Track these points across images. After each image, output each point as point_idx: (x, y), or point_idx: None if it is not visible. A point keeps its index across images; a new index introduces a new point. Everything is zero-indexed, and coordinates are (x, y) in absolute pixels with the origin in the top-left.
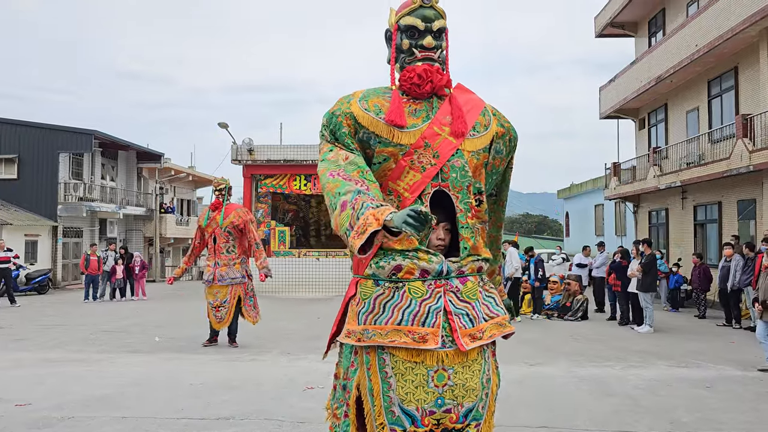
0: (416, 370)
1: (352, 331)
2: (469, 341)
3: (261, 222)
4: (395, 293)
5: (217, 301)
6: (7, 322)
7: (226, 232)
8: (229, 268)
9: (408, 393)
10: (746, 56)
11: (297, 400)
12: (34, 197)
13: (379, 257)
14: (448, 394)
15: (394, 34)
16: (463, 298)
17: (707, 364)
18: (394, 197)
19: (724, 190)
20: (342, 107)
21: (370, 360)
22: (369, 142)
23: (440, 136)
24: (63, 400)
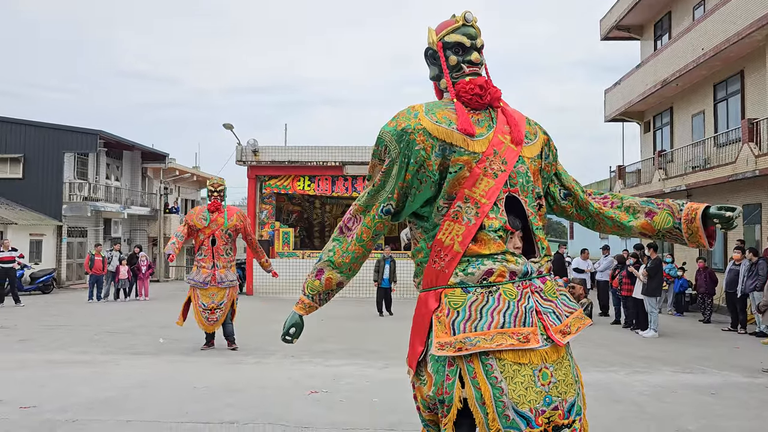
0: (523, 372)
1: (447, 343)
2: (561, 337)
3: (265, 223)
4: (490, 297)
5: (212, 304)
6: (12, 322)
7: (227, 234)
8: (227, 271)
9: (520, 395)
10: (752, 60)
11: (301, 404)
12: (39, 197)
13: (466, 264)
14: (553, 391)
15: (440, 51)
16: (547, 297)
17: (712, 370)
18: (472, 204)
19: (730, 194)
20: (411, 122)
21: (474, 368)
22: (444, 153)
23: (504, 144)
24: (67, 403)
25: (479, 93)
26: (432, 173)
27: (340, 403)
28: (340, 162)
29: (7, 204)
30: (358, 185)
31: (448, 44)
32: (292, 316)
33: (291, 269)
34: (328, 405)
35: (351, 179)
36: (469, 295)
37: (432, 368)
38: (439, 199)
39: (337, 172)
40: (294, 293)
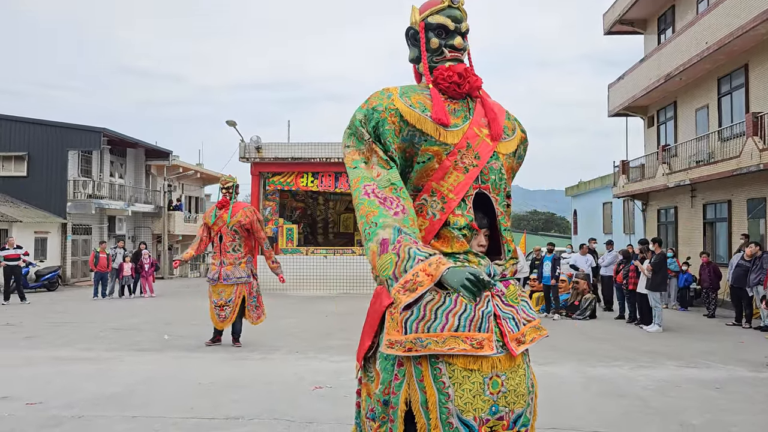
0: (473, 378)
1: (398, 341)
2: (516, 345)
3: (269, 220)
4: (447, 298)
5: (221, 300)
6: (17, 319)
7: (232, 230)
8: (235, 267)
9: (466, 402)
10: (757, 54)
11: (306, 399)
12: (44, 194)
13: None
14: (501, 400)
15: (421, 32)
16: (508, 302)
17: (717, 364)
18: (438, 198)
19: (734, 188)
20: (383, 102)
21: (422, 371)
22: (413, 140)
23: (479, 137)
24: (73, 399)
25: (457, 81)
26: (398, 158)
27: (344, 398)
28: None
29: (11, 202)
30: None
31: (430, 25)
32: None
33: (295, 266)
34: (332, 400)
35: None
36: (427, 295)
37: (380, 366)
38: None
39: (340, 168)
40: (298, 289)
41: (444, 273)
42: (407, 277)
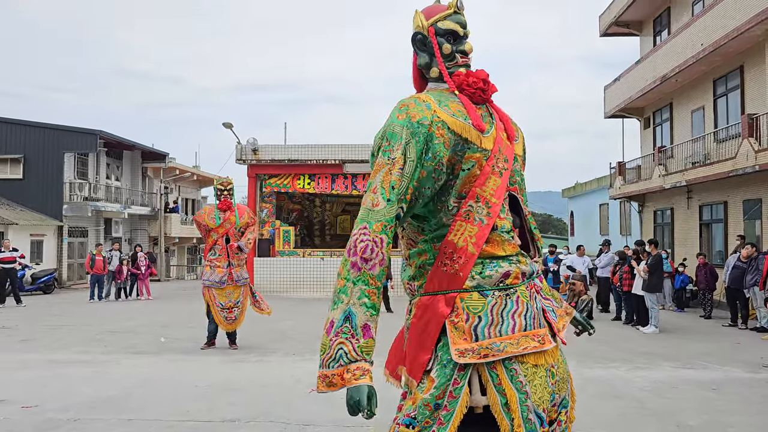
0: (539, 373)
1: (469, 349)
2: (561, 335)
3: (265, 222)
4: (508, 301)
5: (230, 303)
6: (13, 322)
7: (240, 232)
8: (242, 269)
9: (540, 397)
10: (752, 55)
11: (303, 402)
12: (40, 197)
13: (481, 266)
14: (556, 388)
15: (433, 37)
16: (545, 296)
17: (714, 365)
18: (482, 203)
19: (730, 189)
20: (427, 114)
21: (498, 374)
22: (456, 149)
23: (504, 141)
24: (69, 402)
25: (483, 87)
26: (445, 170)
27: (341, 400)
28: (340, 160)
29: (7, 204)
30: (358, 183)
31: (440, 30)
32: (363, 390)
33: (291, 268)
34: (329, 403)
35: (351, 177)
36: (488, 299)
37: (437, 373)
38: (450, 197)
39: (337, 170)
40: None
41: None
42: (326, 373)
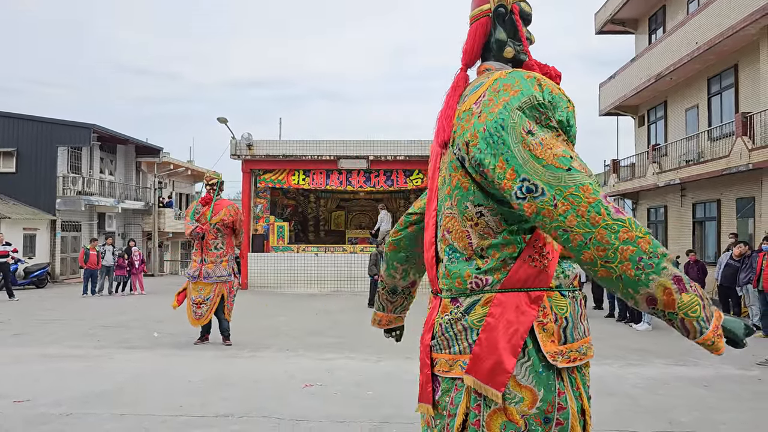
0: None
1: (559, 352)
2: None
3: (260, 217)
4: (575, 303)
5: (199, 298)
6: (6, 316)
7: (215, 228)
8: (216, 266)
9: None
10: (746, 54)
11: (296, 397)
12: (33, 191)
13: (561, 266)
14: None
15: (517, 16)
16: None
17: (705, 362)
18: None
19: (724, 187)
20: (560, 91)
21: (575, 380)
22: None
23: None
24: (62, 397)
25: (557, 82)
26: None
27: (334, 396)
28: (335, 156)
29: (0, 198)
30: (353, 179)
31: (522, 12)
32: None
33: (285, 263)
34: (322, 398)
35: (345, 173)
36: (567, 300)
37: (535, 382)
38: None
39: (331, 166)
40: (289, 287)
41: (724, 321)
42: (714, 323)
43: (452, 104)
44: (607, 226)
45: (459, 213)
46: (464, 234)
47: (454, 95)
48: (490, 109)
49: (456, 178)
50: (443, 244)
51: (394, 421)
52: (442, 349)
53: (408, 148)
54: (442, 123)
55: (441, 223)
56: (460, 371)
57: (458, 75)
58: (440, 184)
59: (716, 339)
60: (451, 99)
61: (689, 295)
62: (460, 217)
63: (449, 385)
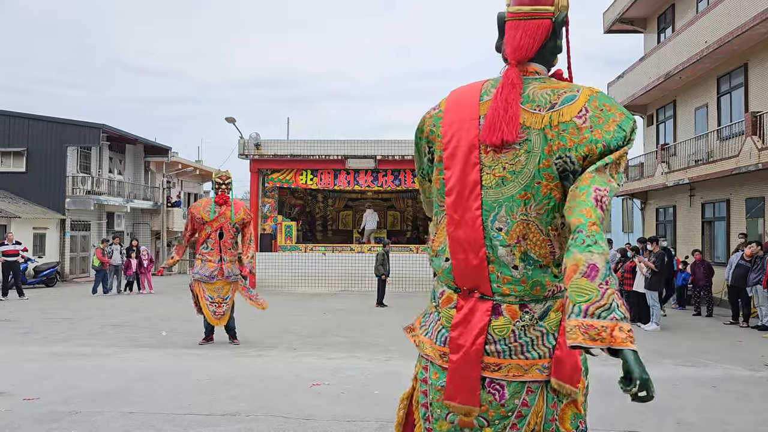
0: None
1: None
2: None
3: (268, 216)
4: None
5: (218, 297)
6: (16, 315)
7: (234, 227)
8: (233, 265)
9: None
10: (756, 53)
11: (303, 396)
12: (43, 190)
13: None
14: None
15: (567, 27)
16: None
17: (714, 363)
18: None
19: (733, 187)
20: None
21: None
22: None
23: None
24: (70, 395)
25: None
26: None
27: (341, 395)
28: (343, 156)
29: (10, 198)
30: (360, 179)
31: (566, 21)
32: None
33: (293, 263)
34: (329, 397)
35: (353, 173)
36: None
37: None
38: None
39: (339, 166)
40: (296, 286)
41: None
42: (593, 323)
43: (515, 103)
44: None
45: (542, 222)
46: (546, 242)
47: (514, 93)
48: (604, 127)
49: (548, 187)
50: (517, 250)
51: None
52: (514, 354)
53: None
54: (501, 121)
55: (502, 227)
56: (538, 374)
57: (512, 72)
58: (492, 184)
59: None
60: (510, 97)
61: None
62: (543, 225)
63: (519, 388)
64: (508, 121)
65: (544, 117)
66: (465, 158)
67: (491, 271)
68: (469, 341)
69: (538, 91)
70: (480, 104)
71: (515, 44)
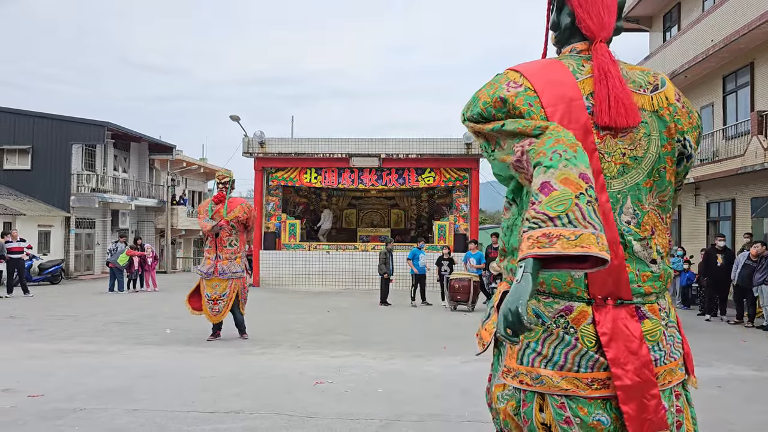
0: None
1: None
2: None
3: (272, 215)
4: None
5: (215, 294)
6: (20, 312)
7: (229, 225)
8: (231, 262)
9: None
10: (762, 52)
11: (307, 394)
12: (47, 188)
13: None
14: None
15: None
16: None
17: (718, 363)
18: None
19: (738, 187)
20: None
21: None
22: None
23: None
24: (75, 392)
25: None
26: None
27: (345, 393)
28: (347, 154)
29: (15, 195)
30: (364, 177)
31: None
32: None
33: (297, 261)
34: (333, 395)
35: (357, 171)
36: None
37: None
38: None
39: (343, 164)
40: (300, 285)
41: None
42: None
43: (624, 82)
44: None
45: (663, 210)
46: (666, 231)
47: (620, 73)
48: (694, 114)
49: (671, 173)
50: (653, 243)
51: (405, 419)
52: (666, 358)
53: (420, 146)
54: (622, 103)
55: (631, 219)
56: (681, 375)
57: (608, 49)
58: (613, 173)
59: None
60: (618, 76)
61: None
62: (664, 214)
63: (670, 395)
64: (631, 102)
65: (653, 98)
66: (590, 145)
67: (629, 270)
68: (635, 355)
69: (629, 71)
70: (578, 82)
71: (602, 21)
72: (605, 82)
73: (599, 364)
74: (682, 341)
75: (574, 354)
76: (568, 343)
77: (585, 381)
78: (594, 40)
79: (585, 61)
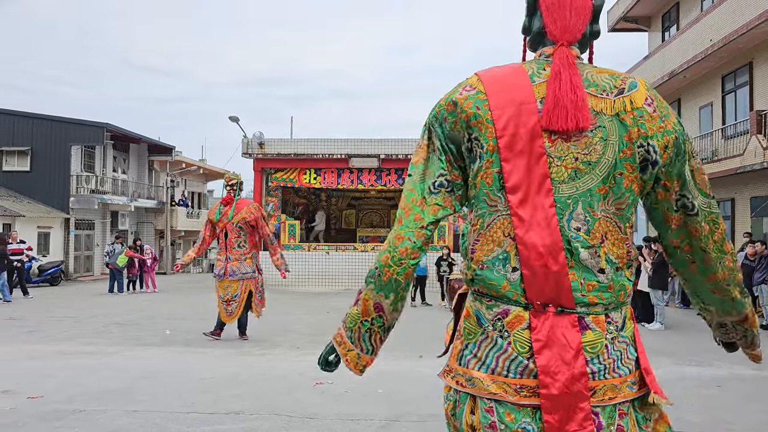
0: None
1: None
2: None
3: (271, 215)
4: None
5: (227, 296)
6: (20, 313)
7: (237, 227)
8: (240, 263)
9: None
10: (761, 51)
11: (306, 395)
12: (47, 189)
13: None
14: None
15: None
16: None
17: (718, 362)
18: None
19: (737, 186)
20: None
21: None
22: None
23: None
24: (74, 393)
25: None
26: None
27: (345, 394)
28: (346, 154)
29: (14, 196)
30: (364, 177)
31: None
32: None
33: (297, 262)
34: (333, 396)
35: (357, 172)
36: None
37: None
38: None
39: (342, 165)
40: (300, 285)
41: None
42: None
43: (581, 86)
44: (732, 255)
45: (621, 218)
46: (623, 241)
47: (577, 76)
48: (670, 118)
49: (630, 180)
50: (602, 251)
51: (404, 420)
52: (608, 373)
53: None
54: (571, 105)
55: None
56: (629, 392)
57: (568, 52)
58: (563, 178)
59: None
60: (575, 79)
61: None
62: (622, 223)
63: (612, 413)
64: (580, 105)
65: (615, 102)
66: (528, 148)
67: (573, 278)
68: (567, 366)
69: (596, 75)
70: (534, 86)
71: (565, 24)
72: (552, 85)
73: (528, 370)
74: (637, 358)
75: (504, 358)
76: (501, 347)
77: (514, 387)
78: (556, 43)
79: (547, 65)
